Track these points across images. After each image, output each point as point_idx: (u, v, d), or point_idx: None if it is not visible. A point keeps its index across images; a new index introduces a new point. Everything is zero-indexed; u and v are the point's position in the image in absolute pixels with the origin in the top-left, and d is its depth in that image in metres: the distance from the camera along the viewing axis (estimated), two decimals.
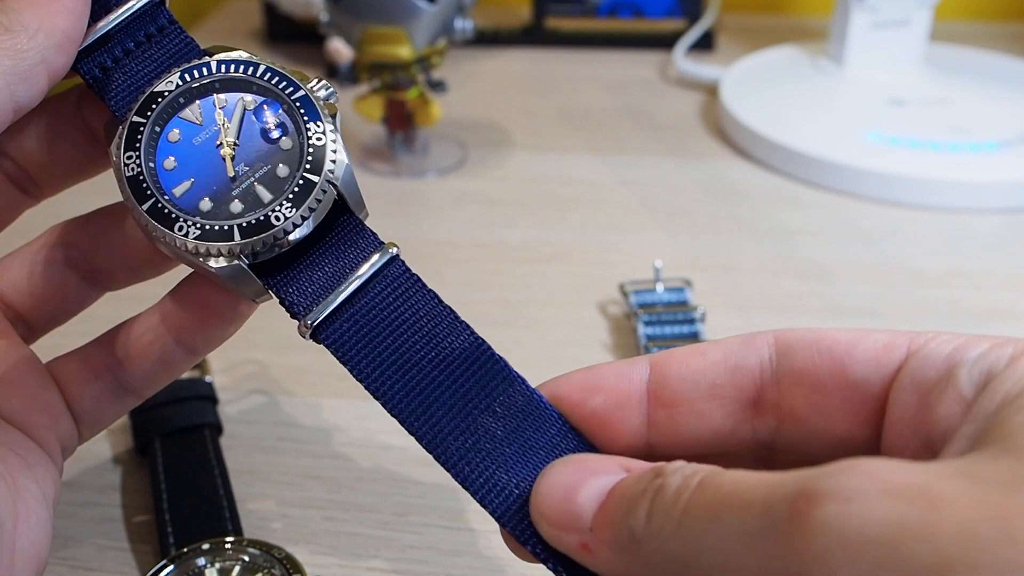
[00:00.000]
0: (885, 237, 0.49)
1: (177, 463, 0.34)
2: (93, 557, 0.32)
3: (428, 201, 0.54)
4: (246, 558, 0.30)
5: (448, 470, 0.23)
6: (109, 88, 0.26)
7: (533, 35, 0.75)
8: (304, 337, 0.25)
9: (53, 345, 0.29)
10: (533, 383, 0.25)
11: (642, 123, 0.63)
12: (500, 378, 0.25)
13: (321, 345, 0.25)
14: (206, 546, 0.30)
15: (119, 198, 0.26)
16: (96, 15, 0.26)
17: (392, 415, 0.24)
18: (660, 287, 0.42)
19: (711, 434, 0.23)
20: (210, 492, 0.33)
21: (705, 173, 0.56)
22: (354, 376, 0.24)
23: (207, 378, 0.38)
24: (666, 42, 0.72)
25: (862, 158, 0.53)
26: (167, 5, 0.27)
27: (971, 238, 0.49)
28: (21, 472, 0.25)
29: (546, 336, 0.42)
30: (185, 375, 0.38)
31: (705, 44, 0.73)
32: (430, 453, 0.24)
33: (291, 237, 0.25)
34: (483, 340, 0.25)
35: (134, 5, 0.26)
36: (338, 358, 0.25)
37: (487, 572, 0.31)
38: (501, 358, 0.25)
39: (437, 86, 0.55)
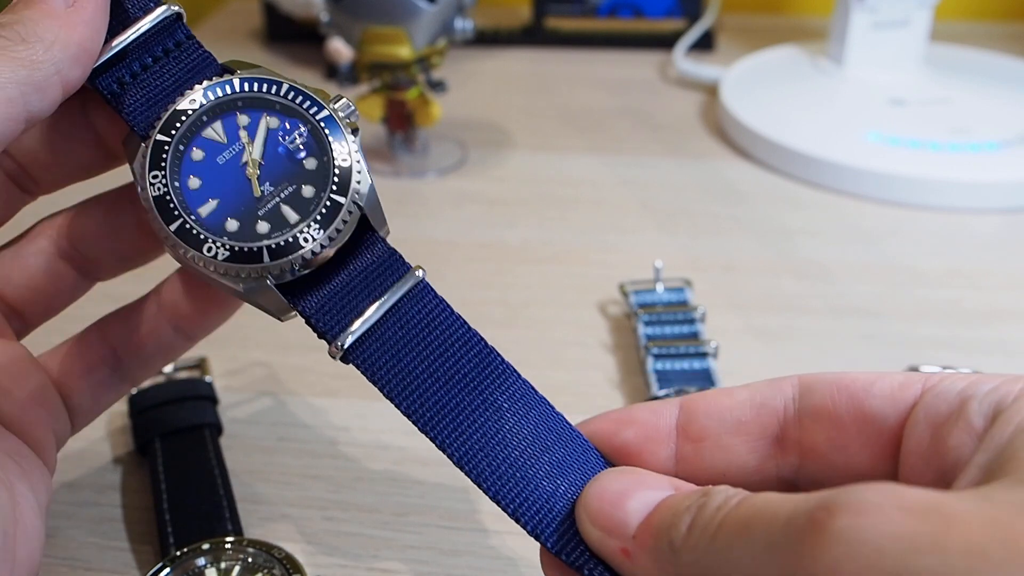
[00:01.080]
0: (885, 237, 0.49)
1: (177, 463, 0.34)
2: (93, 557, 0.32)
3: (428, 201, 0.54)
4: (246, 558, 0.30)
5: (480, 485, 0.24)
6: (126, 103, 0.26)
7: (533, 35, 0.75)
8: (334, 359, 0.25)
9: (45, 343, 0.29)
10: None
11: (642, 123, 0.63)
12: (527, 400, 0.25)
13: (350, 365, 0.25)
14: (206, 546, 0.30)
15: (106, 189, 0.26)
16: (114, 30, 0.26)
17: (423, 432, 0.24)
18: (660, 287, 0.42)
19: (736, 468, 0.24)
20: (210, 492, 0.33)
21: (705, 173, 0.56)
22: (386, 396, 0.25)
23: (207, 378, 0.38)
24: (666, 42, 0.72)
25: (862, 158, 0.53)
26: (184, 20, 0.27)
27: (971, 238, 0.49)
28: (19, 479, 0.25)
29: (546, 336, 0.42)
30: (185, 375, 0.38)
31: (705, 44, 0.73)
32: (461, 469, 0.24)
33: (318, 258, 0.25)
34: (510, 365, 0.26)
35: (151, 20, 0.26)
36: (369, 378, 0.25)
37: (487, 572, 0.31)
38: (526, 381, 0.26)
39: (437, 86, 0.55)
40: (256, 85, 0.26)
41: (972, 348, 0.41)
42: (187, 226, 0.25)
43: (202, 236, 0.25)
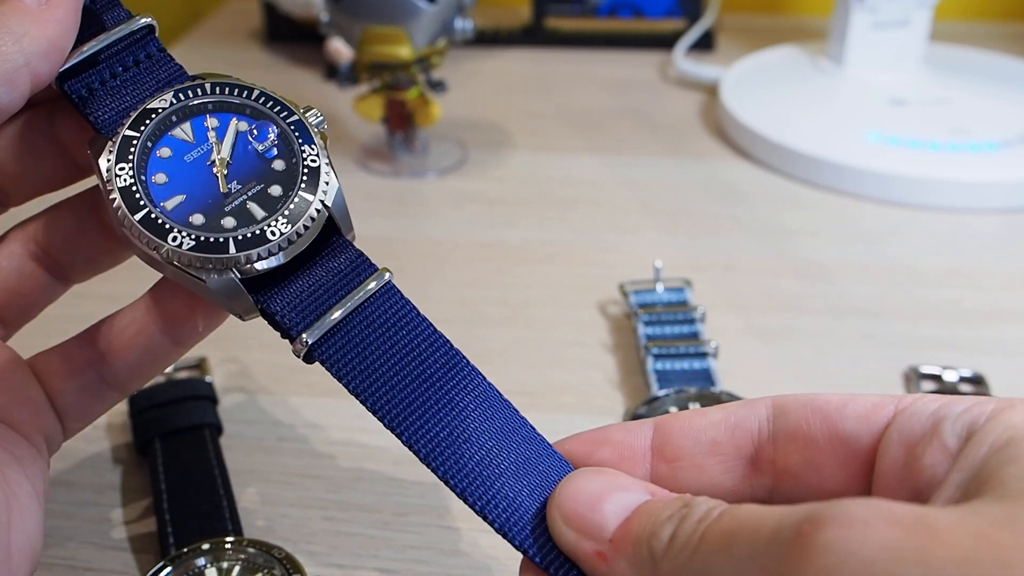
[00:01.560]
0: (885, 237, 0.49)
1: (177, 463, 0.34)
2: (93, 557, 0.32)
3: (428, 201, 0.54)
4: (246, 558, 0.30)
5: (447, 482, 0.24)
6: (94, 107, 0.26)
7: (533, 35, 0.75)
8: (299, 356, 0.25)
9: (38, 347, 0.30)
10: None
11: (642, 123, 0.63)
12: (492, 402, 0.25)
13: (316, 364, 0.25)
14: (206, 546, 0.30)
15: (71, 193, 0.26)
16: (87, 36, 0.26)
17: (389, 428, 0.25)
18: (660, 287, 0.42)
19: (711, 489, 0.24)
20: (210, 492, 0.33)
21: (705, 173, 0.56)
22: (351, 392, 0.25)
23: (207, 378, 0.38)
24: (666, 42, 0.73)
25: (862, 158, 0.53)
26: (156, 33, 0.28)
27: (971, 238, 0.49)
28: (10, 467, 0.25)
29: (546, 336, 0.42)
30: (185, 375, 0.38)
31: (705, 44, 0.73)
32: (428, 466, 0.24)
33: (284, 252, 0.25)
34: (475, 368, 0.26)
35: (124, 30, 0.27)
36: (334, 375, 0.25)
37: (487, 572, 0.31)
38: (491, 384, 0.26)
39: (437, 86, 0.55)
40: (227, 90, 0.27)
41: (972, 348, 0.41)
42: (152, 216, 0.25)
43: (168, 226, 0.25)
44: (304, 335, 0.25)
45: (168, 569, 0.29)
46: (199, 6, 0.87)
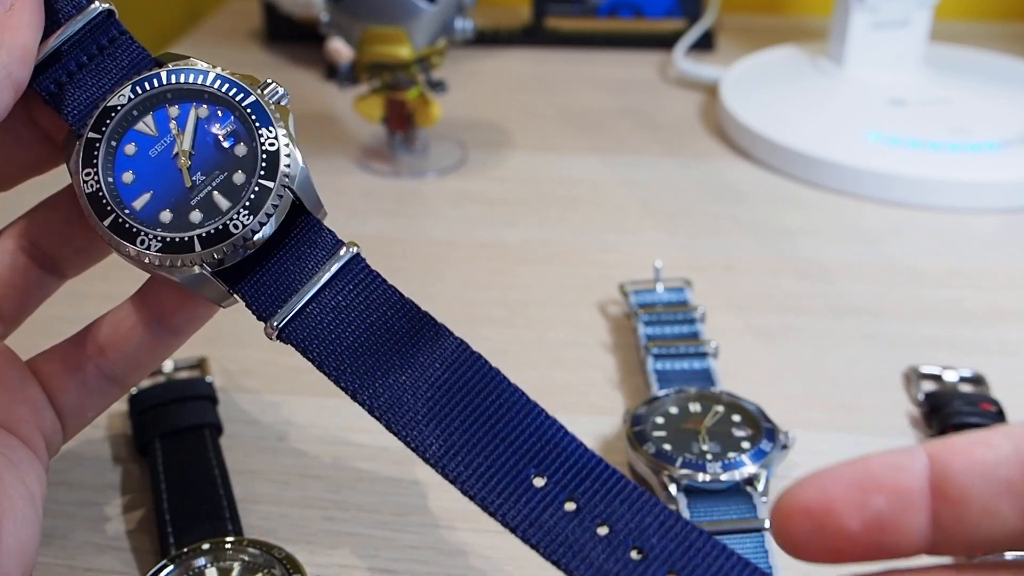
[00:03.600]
0: (885, 237, 0.49)
1: (177, 463, 0.34)
2: (93, 557, 0.32)
3: (428, 201, 0.54)
4: (246, 558, 0.30)
5: (428, 461, 0.24)
6: (65, 103, 0.26)
7: (533, 35, 0.75)
8: (271, 339, 0.26)
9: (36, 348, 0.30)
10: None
11: (642, 123, 0.63)
12: (454, 352, 0.25)
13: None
14: (206, 546, 0.30)
15: (60, 187, 0.26)
16: (47, 30, 0.26)
17: (353, 399, 0.25)
18: (660, 287, 0.42)
19: (1004, 535, 0.20)
20: (210, 492, 0.33)
21: (705, 173, 0.56)
22: (317, 367, 0.25)
23: (207, 378, 0.38)
24: (666, 42, 0.72)
25: (862, 158, 0.53)
26: (117, 16, 0.28)
27: (971, 238, 0.49)
28: (4, 470, 0.25)
29: (546, 336, 0.42)
30: (185, 375, 0.38)
31: (705, 44, 0.73)
32: (407, 444, 0.24)
33: (249, 243, 0.25)
34: (444, 326, 0.26)
35: (83, 19, 0.27)
36: (303, 355, 0.25)
37: (487, 572, 0.31)
38: (461, 340, 0.26)
39: (437, 86, 0.55)
40: (183, 76, 0.26)
41: (972, 348, 0.41)
42: (119, 220, 0.25)
43: (135, 229, 0.25)
44: (273, 320, 0.25)
45: (168, 569, 0.29)
46: (199, 6, 0.87)
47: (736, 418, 0.34)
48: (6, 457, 0.26)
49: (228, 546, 0.30)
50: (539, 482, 0.23)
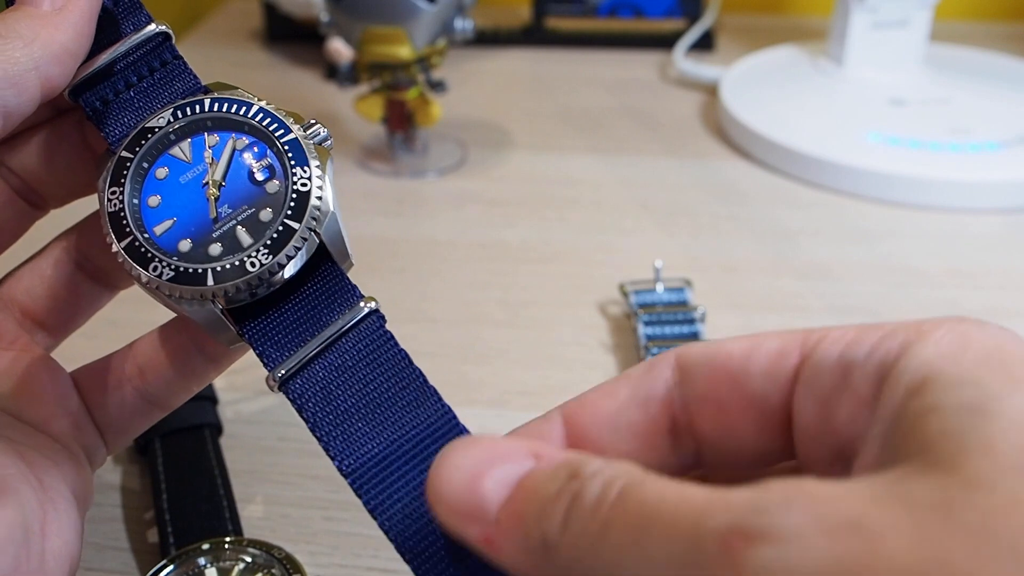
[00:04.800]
0: (885, 237, 0.49)
1: (177, 463, 0.34)
2: (93, 557, 0.32)
3: (428, 201, 0.54)
4: (246, 558, 0.30)
5: (393, 542, 0.23)
6: (107, 121, 0.26)
7: (533, 35, 0.75)
8: (272, 390, 0.24)
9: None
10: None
11: (642, 123, 0.63)
12: (442, 429, 0.24)
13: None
14: (206, 546, 0.30)
15: None
16: (102, 45, 0.26)
17: (343, 476, 0.23)
18: (660, 287, 0.42)
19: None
20: (210, 492, 0.33)
21: (705, 173, 0.56)
22: (309, 429, 0.24)
23: None
24: (666, 42, 0.73)
25: (862, 158, 0.53)
26: (174, 40, 0.27)
27: (971, 238, 0.49)
28: (47, 472, 0.25)
29: (546, 336, 0.42)
30: None
31: (705, 44, 0.73)
32: (379, 526, 0.23)
33: (265, 284, 0.24)
34: (452, 414, 0.24)
35: (139, 38, 0.26)
36: (299, 414, 0.24)
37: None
38: (448, 409, 0.24)
39: (437, 86, 0.55)
40: (226, 106, 0.26)
41: None
42: (136, 244, 0.24)
43: (149, 255, 0.24)
44: (277, 370, 0.24)
45: (168, 569, 0.29)
46: (199, 6, 0.87)
47: None
48: (50, 459, 0.26)
49: (228, 546, 0.30)
50: None
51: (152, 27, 0.27)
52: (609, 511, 0.17)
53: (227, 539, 0.30)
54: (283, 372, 0.24)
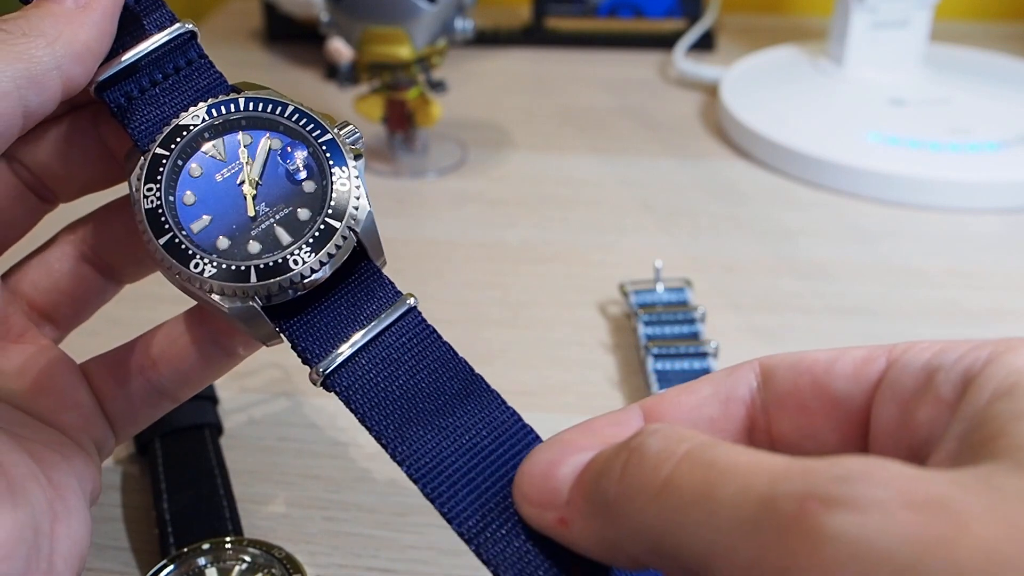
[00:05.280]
0: (885, 237, 0.49)
1: (177, 463, 0.34)
2: (93, 557, 0.32)
3: (428, 201, 0.54)
4: (246, 558, 0.30)
5: (453, 526, 0.23)
6: (132, 117, 0.26)
7: (533, 35, 0.75)
8: (315, 384, 0.25)
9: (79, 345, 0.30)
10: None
11: (642, 123, 0.63)
12: (516, 438, 0.24)
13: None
14: (206, 546, 0.30)
15: (121, 195, 0.26)
16: (126, 44, 0.26)
17: (398, 463, 0.24)
18: (660, 287, 0.42)
19: None
20: (210, 492, 0.33)
21: (705, 173, 0.56)
22: (363, 425, 0.24)
23: None
24: (666, 42, 0.73)
25: (862, 158, 0.53)
26: (199, 39, 0.27)
27: (971, 238, 0.49)
28: (57, 468, 0.25)
29: (546, 336, 0.42)
30: None
31: (705, 44, 0.73)
32: (437, 509, 0.23)
33: (307, 282, 0.24)
34: (518, 416, 0.24)
35: (165, 36, 0.26)
36: (348, 407, 0.24)
37: (487, 572, 0.31)
38: (510, 408, 0.24)
39: (437, 86, 0.55)
40: (261, 105, 0.26)
41: None
42: (176, 240, 0.24)
43: (190, 252, 0.24)
44: (320, 365, 0.24)
45: (168, 569, 0.29)
46: (199, 6, 0.87)
47: None
48: (60, 455, 0.26)
49: (228, 546, 0.30)
50: None
51: (178, 25, 0.27)
52: (674, 468, 0.17)
53: (227, 539, 0.30)
54: (325, 367, 0.24)
